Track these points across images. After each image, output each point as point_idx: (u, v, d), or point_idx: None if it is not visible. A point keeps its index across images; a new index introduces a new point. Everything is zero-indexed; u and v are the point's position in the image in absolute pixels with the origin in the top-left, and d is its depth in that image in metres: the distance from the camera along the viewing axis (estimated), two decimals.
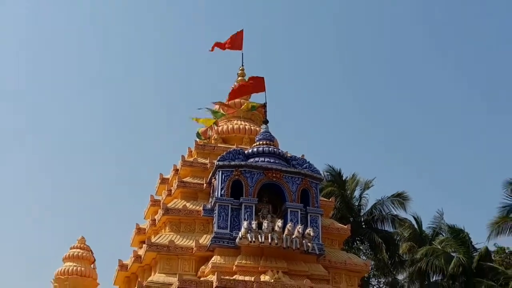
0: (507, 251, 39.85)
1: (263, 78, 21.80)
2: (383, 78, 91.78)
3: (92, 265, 21.95)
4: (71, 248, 22.12)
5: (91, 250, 22.32)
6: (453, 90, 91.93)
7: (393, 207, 37.34)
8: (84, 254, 22.03)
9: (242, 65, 24.35)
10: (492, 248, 39.00)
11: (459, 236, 38.98)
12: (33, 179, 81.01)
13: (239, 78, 24.13)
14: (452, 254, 37.40)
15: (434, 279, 37.95)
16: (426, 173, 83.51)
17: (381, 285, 39.56)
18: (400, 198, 37.08)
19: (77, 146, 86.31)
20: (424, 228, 40.10)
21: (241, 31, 23.25)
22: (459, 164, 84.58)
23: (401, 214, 38.33)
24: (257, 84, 21.96)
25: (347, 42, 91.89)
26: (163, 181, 21.61)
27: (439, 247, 38.04)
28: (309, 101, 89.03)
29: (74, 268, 21.57)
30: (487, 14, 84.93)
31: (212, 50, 23.38)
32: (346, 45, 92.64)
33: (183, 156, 20.89)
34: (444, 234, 39.93)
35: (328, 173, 35.34)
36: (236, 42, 23.24)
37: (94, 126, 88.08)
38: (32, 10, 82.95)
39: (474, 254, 38.23)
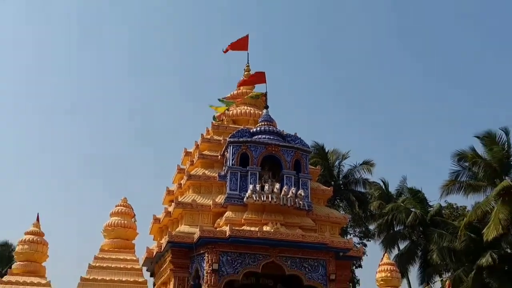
0: (454, 206, 40.11)
1: (264, 72, 21.75)
2: (364, 67, 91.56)
3: (132, 219, 22.10)
4: (116, 206, 22.24)
5: (131, 207, 22.49)
6: (414, 64, 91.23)
7: (363, 172, 37.64)
8: (126, 211, 22.14)
9: (248, 62, 24.34)
10: (443, 204, 39.27)
11: (417, 196, 39.24)
12: (89, 154, 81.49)
13: (245, 72, 24.12)
14: (411, 209, 37.66)
15: (397, 229, 38.28)
16: (394, 145, 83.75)
17: (356, 234, 39.86)
18: (367, 165, 37.33)
19: (124, 127, 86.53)
20: (390, 189, 40.39)
21: (247, 36, 23.17)
22: (419, 137, 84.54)
23: (371, 178, 38.70)
24: (259, 77, 21.97)
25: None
26: (187, 154, 21.66)
27: (401, 204, 38.31)
28: (301, 90, 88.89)
29: (119, 221, 21.70)
30: None
31: (225, 51, 23.33)
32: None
33: (202, 135, 20.91)
34: (405, 194, 40.20)
35: (314, 147, 35.36)
36: (242, 44, 23.20)
37: (140, 111, 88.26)
38: None
39: (429, 209, 38.52)
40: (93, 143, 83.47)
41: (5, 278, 19.57)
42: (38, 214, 21.82)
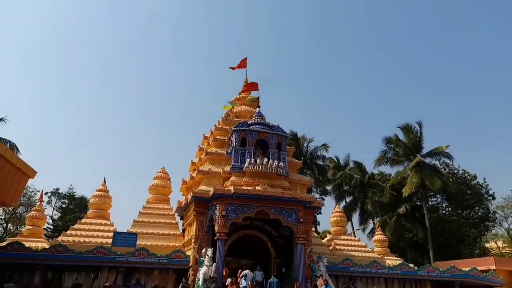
0: (383, 173, 40.54)
1: (257, 83, 21.78)
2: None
3: (168, 181, 22.20)
4: (157, 172, 22.31)
5: (167, 173, 22.52)
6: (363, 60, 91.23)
7: (322, 151, 37.92)
8: (164, 175, 22.16)
9: (246, 76, 24.19)
10: (376, 172, 39.63)
11: (359, 166, 39.53)
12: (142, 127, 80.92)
13: (245, 83, 23.99)
14: (354, 176, 37.94)
15: (345, 188, 38.61)
16: (344, 131, 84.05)
17: (317, 192, 40.19)
18: (325, 146, 37.62)
19: (162, 108, 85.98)
20: (341, 162, 40.65)
21: (245, 58, 23.04)
22: (362, 125, 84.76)
23: (328, 155, 38.96)
24: (254, 86, 21.97)
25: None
26: (205, 138, 21.65)
27: (348, 172, 38.59)
28: (283, 93, 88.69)
29: (159, 182, 21.75)
30: None
31: (234, 69, 23.12)
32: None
33: (215, 125, 20.88)
34: (351, 165, 40.48)
35: (290, 134, 35.34)
36: (243, 64, 23.04)
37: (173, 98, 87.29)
38: None
39: (366, 175, 38.83)
40: (143, 122, 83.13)
41: (83, 221, 19.71)
42: (104, 177, 21.89)
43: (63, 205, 41.77)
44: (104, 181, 21.45)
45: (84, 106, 77.53)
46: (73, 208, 41.11)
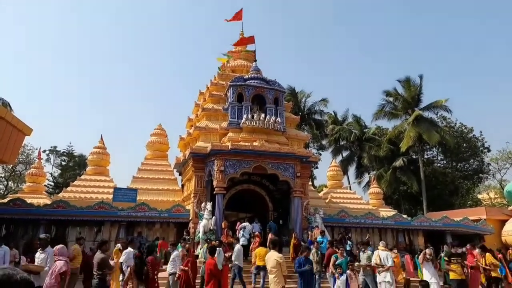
0: (381, 128, 40.67)
1: (253, 36, 21.10)
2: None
3: (166, 138, 22.26)
4: (154, 129, 22.31)
5: (164, 130, 22.52)
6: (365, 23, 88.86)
7: (321, 106, 37.61)
8: (161, 132, 22.19)
9: (242, 29, 23.42)
10: (374, 126, 39.75)
11: (357, 121, 39.57)
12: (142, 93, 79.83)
13: (240, 35, 23.29)
14: (353, 130, 38.10)
15: (342, 143, 38.90)
16: (343, 86, 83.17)
17: (314, 147, 40.49)
18: (324, 101, 37.23)
19: (159, 70, 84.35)
20: (339, 116, 40.60)
21: (241, 10, 22.17)
22: (361, 80, 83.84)
23: (326, 110, 38.76)
24: (250, 39, 21.31)
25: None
26: (201, 94, 21.39)
27: (345, 127, 38.71)
28: (280, 46, 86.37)
29: (156, 139, 21.85)
30: None
31: (229, 21, 22.30)
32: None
33: (211, 80, 20.55)
34: (350, 119, 40.48)
35: (288, 89, 34.91)
36: (238, 16, 22.21)
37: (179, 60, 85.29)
38: None
39: (365, 130, 38.98)
40: (139, 79, 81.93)
41: (82, 177, 20.00)
42: (101, 134, 21.91)
43: (63, 163, 42.24)
44: (101, 138, 21.49)
45: (80, 64, 75.69)
46: (73, 165, 41.59)
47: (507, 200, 29.29)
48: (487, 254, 10.46)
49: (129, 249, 8.58)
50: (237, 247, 11.24)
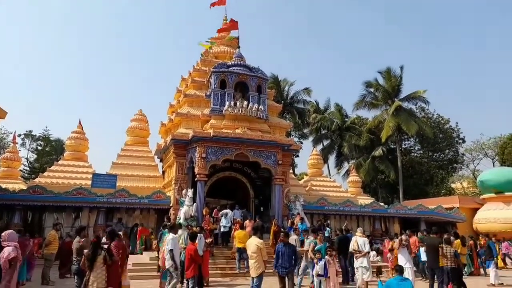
0: (361, 117, 41.28)
1: (237, 21, 20.79)
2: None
3: (146, 124, 21.89)
4: (135, 115, 21.87)
5: (145, 116, 22.13)
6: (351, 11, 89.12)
7: (303, 95, 37.67)
8: (141, 118, 21.78)
9: (226, 14, 23.11)
10: (354, 116, 40.29)
11: (339, 110, 40.01)
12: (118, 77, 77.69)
13: (224, 21, 22.96)
14: (334, 120, 38.54)
15: (323, 132, 39.27)
16: (326, 75, 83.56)
17: (296, 135, 40.74)
18: (307, 90, 37.27)
19: (139, 52, 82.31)
20: (321, 106, 40.89)
21: None
22: (344, 70, 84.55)
23: (309, 99, 38.91)
24: (234, 25, 21.00)
25: None
26: (183, 79, 21.06)
27: (327, 116, 39.08)
28: (264, 34, 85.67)
29: (137, 125, 21.47)
30: None
31: (212, 5, 21.84)
32: None
33: (193, 66, 20.20)
34: (332, 109, 40.85)
35: (271, 77, 34.82)
36: (222, 0, 21.82)
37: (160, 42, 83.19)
38: None
39: (346, 119, 39.49)
40: (123, 67, 79.91)
41: (60, 163, 19.53)
42: (80, 119, 21.36)
43: (39, 147, 41.04)
44: (80, 123, 20.95)
45: (58, 46, 72.93)
46: (49, 150, 40.47)
47: (480, 189, 30.46)
48: (457, 240, 10.99)
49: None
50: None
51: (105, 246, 5.81)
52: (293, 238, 10.02)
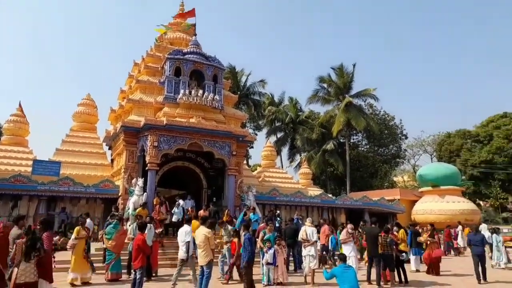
0: (314, 112, 42.43)
1: (194, 8, 20.37)
2: None
3: (95, 109, 20.77)
4: (82, 99, 20.64)
5: (93, 100, 20.97)
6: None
7: (259, 87, 37.86)
8: (89, 102, 20.59)
9: (182, 1, 22.44)
10: (307, 110, 41.30)
11: (294, 104, 40.77)
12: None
13: (180, 7, 22.28)
14: (288, 112, 39.22)
15: (277, 124, 39.85)
16: (283, 69, 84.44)
17: (251, 126, 40.93)
18: (262, 82, 37.46)
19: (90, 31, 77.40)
20: (275, 99, 41.36)
21: None
22: (298, 64, 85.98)
23: (264, 91, 39.15)
24: (191, 12, 20.54)
25: None
26: (136, 64, 20.19)
27: (282, 109, 39.68)
28: (220, 22, 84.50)
29: (84, 110, 20.30)
30: None
31: None
32: None
33: (147, 51, 19.45)
34: (286, 102, 41.50)
35: (228, 67, 34.53)
36: None
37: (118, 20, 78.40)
38: None
39: (300, 113, 40.37)
40: (69, 48, 74.85)
41: None
42: (20, 101, 19.83)
43: None
44: (20, 106, 19.40)
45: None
46: None
47: (418, 183, 32.77)
48: (401, 230, 11.83)
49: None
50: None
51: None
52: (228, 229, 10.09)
